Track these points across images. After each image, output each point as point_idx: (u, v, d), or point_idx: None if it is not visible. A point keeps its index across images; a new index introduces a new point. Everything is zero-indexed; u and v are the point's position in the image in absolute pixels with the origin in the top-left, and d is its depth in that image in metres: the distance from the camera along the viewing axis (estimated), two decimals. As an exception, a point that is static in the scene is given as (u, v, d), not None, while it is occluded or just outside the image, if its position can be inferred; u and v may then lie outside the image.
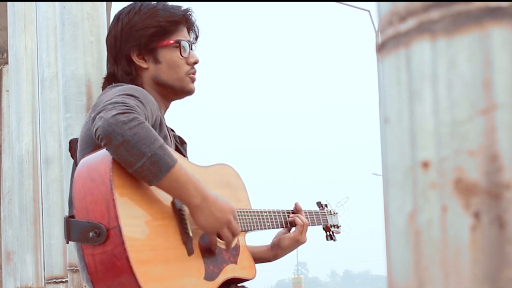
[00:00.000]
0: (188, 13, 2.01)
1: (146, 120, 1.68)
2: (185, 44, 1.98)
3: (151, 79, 1.97)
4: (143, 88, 1.94)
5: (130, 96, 1.72)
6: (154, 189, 1.70)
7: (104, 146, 1.60)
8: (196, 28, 2.04)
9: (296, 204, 2.22)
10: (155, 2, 2.00)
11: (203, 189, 1.70)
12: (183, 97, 2.03)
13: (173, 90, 1.99)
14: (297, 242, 2.16)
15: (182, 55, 1.98)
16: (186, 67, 1.98)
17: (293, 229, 2.19)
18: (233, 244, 1.93)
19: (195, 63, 2.01)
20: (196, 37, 2.05)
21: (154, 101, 1.83)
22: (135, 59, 1.96)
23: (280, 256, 2.17)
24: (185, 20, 2.01)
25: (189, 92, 2.01)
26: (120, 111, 1.60)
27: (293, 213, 2.21)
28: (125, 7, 2.00)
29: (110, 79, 1.99)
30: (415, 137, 0.63)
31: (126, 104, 1.64)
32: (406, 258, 0.63)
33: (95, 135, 1.62)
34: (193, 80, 2.01)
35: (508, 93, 0.60)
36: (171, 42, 1.97)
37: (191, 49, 2.02)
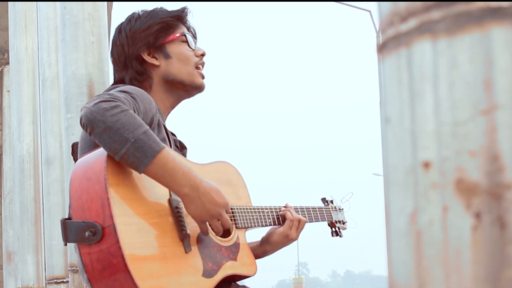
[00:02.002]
0: (186, 10, 2.06)
1: (134, 112, 1.68)
2: (190, 37, 2.03)
3: (161, 77, 1.99)
4: (153, 88, 1.99)
5: (122, 91, 1.73)
6: (150, 187, 1.71)
7: (90, 134, 1.62)
8: (193, 30, 2.08)
9: (286, 204, 2.16)
10: (151, 8, 2.05)
11: (194, 177, 1.68)
12: (193, 93, 2.04)
13: (183, 86, 2.00)
14: (287, 237, 2.07)
15: (190, 46, 2.02)
16: (195, 58, 2.02)
17: None
18: (233, 240, 1.93)
19: (203, 55, 2.04)
20: (195, 38, 2.08)
21: (152, 101, 1.84)
22: (146, 57, 1.98)
23: (269, 252, 2.09)
24: (184, 16, 2.05)
25: (199, 87, 2.03)
26: (102, 100, 1.61)
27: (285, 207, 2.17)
28: (124, 20, 2.05)
29: (117, 84, 2.01)
30: (416, 138, 0.63)
31: (112, 95, 1.65)
32: (407, 258, 0.63)
33: (80, 124, 1.64)
34: (202, 75, 2.03)
35: (509, 93, 0.60)
36: (177, 35, 2.01)
37: (196, 43, 2.06)
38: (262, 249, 2.10)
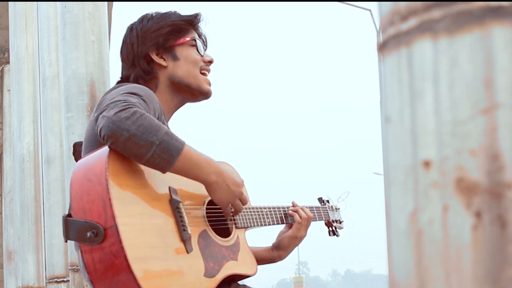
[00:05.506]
0: (199, 16, 2.07)
1: None
2: (199, 43, 2.04)
3: (168, 79, 2.00)
4: (159, 89, 2.00)
5: (133, 94, 1.75)
6: (151, 187, 1.71)
7: (112, 144, 1.62)
8: (204, 37, 2.10)
9: (293, 203, 2.22)
10: (165, 11, 2.07)
11: (216, 164, 1.75)
12: (199, 99, 2.06)
13: (189, 89, 2.02)
14: (296, 238, 2.15)
15: (199, 52, 2.03)
16: (201, 63, 2.03)
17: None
18: (233, 240, 1.93)
19: (210, 62, 2.06)
20: (205, 45, 2.09)
21: (158, 101, 1.86)
22: (155, 57, 2.00)
23: (284, 256, 2.16)
24: (196, 22, 2.06)
25: (205, 93, 2.04)
26: (121, 108, 1.62)
27: (293, 206, 2.22)
28: (137, 19, 2.07)
29: (122, 82, 2.02)
30: (417, 137, 0.63)
31: (127, 101, 1.66)
32: (408, 257, 0.63)
33: (100, 136, 1.65)
34: (208, 82, 2.05)
35: (509, 92, 0.60)
36: (187, 39, 2.02)
37: (205, 50, 2.08)
38: (276, 254, 2.16)
